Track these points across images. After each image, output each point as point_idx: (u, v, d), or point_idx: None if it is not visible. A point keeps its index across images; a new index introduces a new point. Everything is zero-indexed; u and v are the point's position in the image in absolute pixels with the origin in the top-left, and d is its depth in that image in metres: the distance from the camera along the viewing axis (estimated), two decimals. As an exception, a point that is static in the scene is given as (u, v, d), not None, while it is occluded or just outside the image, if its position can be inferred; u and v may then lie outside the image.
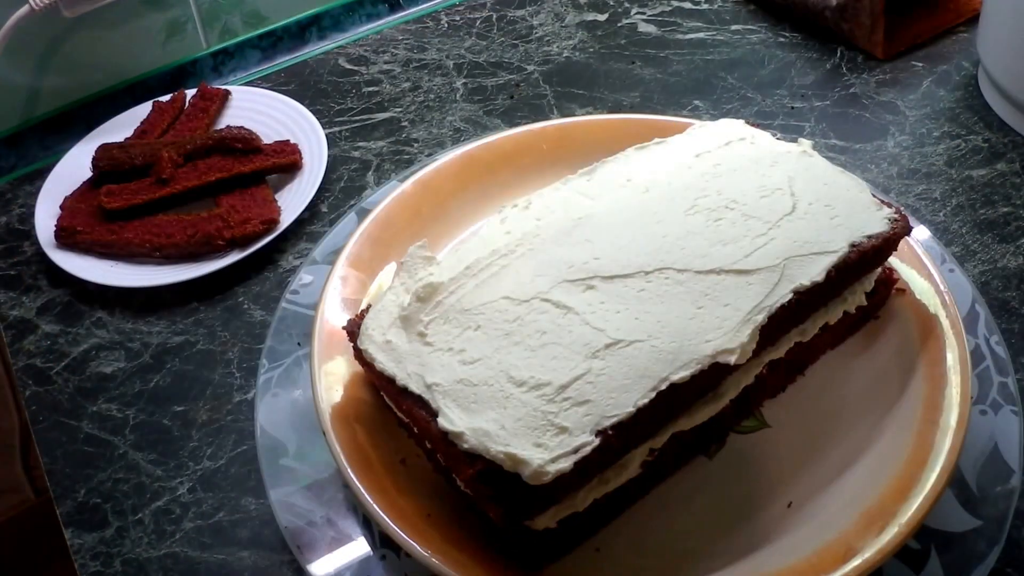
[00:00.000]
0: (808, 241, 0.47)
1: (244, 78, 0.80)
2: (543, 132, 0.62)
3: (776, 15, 0.83)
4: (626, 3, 0.86)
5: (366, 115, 0.75)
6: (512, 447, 0.39)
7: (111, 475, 0.52)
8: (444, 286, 0.46)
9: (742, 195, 0.50)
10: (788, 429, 0.49)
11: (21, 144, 0.74)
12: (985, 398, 0.50)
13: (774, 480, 0.47)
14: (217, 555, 0.49)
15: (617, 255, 0.47)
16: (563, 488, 0.40)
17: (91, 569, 0.48)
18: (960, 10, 0.81)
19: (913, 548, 0.45)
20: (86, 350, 0.59)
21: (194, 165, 0.66)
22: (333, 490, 0.49)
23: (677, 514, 0.46)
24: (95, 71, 0.75)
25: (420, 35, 0.83)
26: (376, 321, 0.46)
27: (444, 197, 0.59)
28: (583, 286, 0.45)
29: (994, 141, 0.69)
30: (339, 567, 0.46)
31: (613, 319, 0.44)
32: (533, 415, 0.40)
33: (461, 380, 0.42)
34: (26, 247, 0.66)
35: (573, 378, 0.41)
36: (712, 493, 0.47)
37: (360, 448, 0.46)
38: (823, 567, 0.41)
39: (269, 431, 0.51)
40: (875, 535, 0.42)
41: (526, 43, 0.82)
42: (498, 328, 0.44)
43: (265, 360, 0.54)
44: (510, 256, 0.48)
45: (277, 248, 0.64)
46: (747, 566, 0.43)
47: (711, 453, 0.49)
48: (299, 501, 0.48)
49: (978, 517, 0.46)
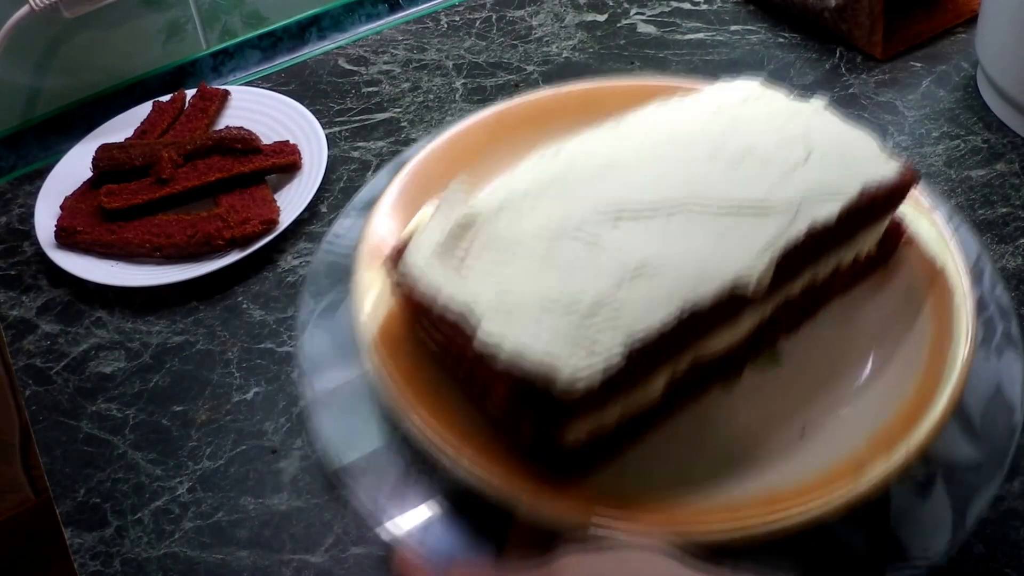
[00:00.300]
0: (822, 185, 0.50)
1: (244, 78, 0.80)
2: (571, 93, 0.65)
3: (775, 16, 0.83)
4: (625, 4, 0.86)
5: (366, 115, 0.75)
6: (545, 360, 0.42)
7: (110, 475, 0.53)
8: (483, 217, 0.49)
9: (760, 145, 0.52)
10: (802, 364, 0.52)
11: (21, 144, 0.74)
12: (989, 343, 0.52)
13: (788, 410, 0.50)
14: (216, 555, 0.49)
15: (643, 195, 0.50)
16: (591, 403, 0.43)
17: (90, 569, 0.49)
18: (959, 11, 0.81)
19: (920, 478, 0.47)
20: (86, 350, 0.59)
21: (194, 165, 0.67)
22: (367, 415, 0.50)
23: (697, 437, 0.49)
24: (95, 71, 0.75)
25: (420, 35, 0.83)
26: (417, 250, 0.48)
27: (477, 150, 0.61)
28: (612, 221, 0.48)
29: (993, 142, 0.70)
30: (376, 484, 0.47)
31: (639, 250, 0.47)
32: (565, 333, 0.43)
33: (498, 301, 0.45)
34: (26, 247, 0.66)
35: (603, 300, 0.44)
36: (729, 420, 0.50)
37: (397, 373, 0.49)
38: (833, 484, 0.44)
39: (313, 360, 0.53)
40: (883, 457, 0.44)
41: (525, 43, 0.82)
42: (533, 256, 0.47)
43: (308, 297, 0.56)
44: (544, 193, 0.51)
45: (277, 248, 0.65)
46: (760, 482, 0.46)
47: (729, 385, 0.52)
48: (337, 422, 0.50)
49: (982, 451, 0.48)
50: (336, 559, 0.48)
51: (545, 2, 0.86)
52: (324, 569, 0.48)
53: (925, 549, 0.45)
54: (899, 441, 0.45)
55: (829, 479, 0.44)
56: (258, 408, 0.55)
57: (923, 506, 0.46)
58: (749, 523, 0.43)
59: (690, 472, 0.47)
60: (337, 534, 0.49)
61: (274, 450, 0.53)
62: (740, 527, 0.43)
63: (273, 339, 0.59)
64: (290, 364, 0.58)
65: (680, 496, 0.45)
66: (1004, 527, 0.48)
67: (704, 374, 0.50)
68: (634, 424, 0.48)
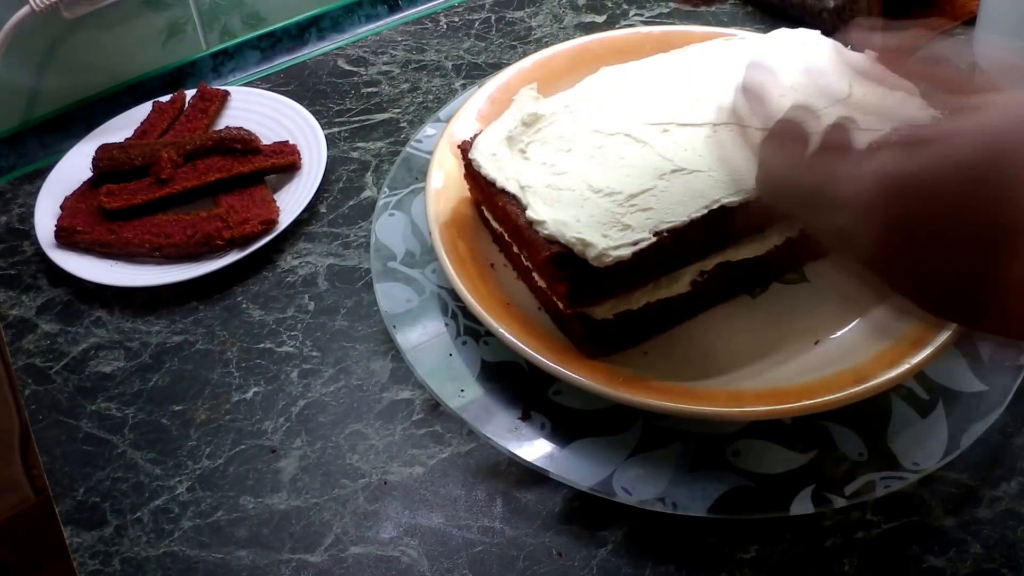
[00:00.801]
0: (858, 118, 0.52)
1: (243, 79, 0.80)
2: (648, 35, 0.71)
3: (774, 16, 0.83)
4: (624, 5, 0.86)
5: (365, 116, 0.75)
6: (583, 234, 0.48)
7: (110, 474, 0.53)
8: (546, 117, 0.57)
9: (807, 80, 0.56)
10: (825, 285, 0.56)
11: (21, 144, 0.74)
12: None
13: (805, 323, 0.54)
14: (215, 554, 0.49)
15: (692, 110, 0.56)
16: (621, 279, 0.49)
17: (90, 568, 0.49)
18: (957, 13, 0.81)
19: (922, 397, 0.51)
20: (85, 349, 0.59)
21: (193, 165, 0.67)
22: (428, 291, 0.57)
23: (717, 336, 0.54)
24: (95, 72, 0.76)
25: (419, 36, 0.83)
26: (486, 139, 0.56)
27: (556, 76, 0.66)
28: (660, 128, 0.55)
29: (990, 143, 0.70)
30: (423, 340, 0.54)
31: (681, 154, 0.53)
32: (604, 214, 0.49)
33: (549, 185, 0.52)
34: (26, 247, 0.67)
35: (641, 190, 0.51)
36: (750, 325, 0.55)
37: (457, 250, 0.56)
38: (835, 386, 0.48)
39: (382, 240, 0.60)
40: (885, 370, 0.48)
41: (524, 44, 0.82)
42: (585, 151, 0.54)
43: (386, 188, 0.63)
44: (604, 102, 0.58)
45: (276, 248, 0.65)
46: (769, 381, 0.50)
47: (755, 294, 0.56)
48: (398, 293, 0.57)
49: (986, 384, 0.52)
50: (335, 558, 0.49)
51: (544, 3, 0.86)
52: (323, 568, 0.48)
53: (916, 463, 0.48)
54: (902, 360, 0.49)
55: (832, 383, 0.48)
56: (257, 408, 0.55)
57: (921, 425, 0.50)
58: (751, 410, 0.47)
59: (705, 362, 0.52)
60: (336, 534, 0.50)
61: (273, 450, 0.53)
62: (742, 412, 0.47)
63: (272, 339, 0.59)
64: (289, 364, 0.58)
65: (692, 381, 0.51)
66: (1001, 527, 0.48)
67: (730, 282, 0.54)
68: (660, 313, 0.53)
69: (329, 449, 0.53)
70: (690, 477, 0.48)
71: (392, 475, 0.52)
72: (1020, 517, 0.48)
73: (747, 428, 0.51)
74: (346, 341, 0.59)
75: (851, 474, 0.48)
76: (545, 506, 0.50)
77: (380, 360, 0.58)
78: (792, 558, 0.47)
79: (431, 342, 0.54)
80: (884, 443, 0.49)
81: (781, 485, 0.48)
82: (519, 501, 0.50)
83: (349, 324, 0.60)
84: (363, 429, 0.54)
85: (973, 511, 0.49)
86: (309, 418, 0.55)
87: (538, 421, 0.51)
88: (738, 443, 0.50)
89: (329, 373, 0.57)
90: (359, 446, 0.53)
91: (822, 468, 0.49)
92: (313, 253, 0.65)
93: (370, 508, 0.51)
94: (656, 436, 0.51)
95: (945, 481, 0.50)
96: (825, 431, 0.50)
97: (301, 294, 0.62)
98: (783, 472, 0.49)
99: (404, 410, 0.55)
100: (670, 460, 0.49)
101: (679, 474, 0.49)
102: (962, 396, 0.51)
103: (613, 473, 0.48)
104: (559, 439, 0.50)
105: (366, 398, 0.56)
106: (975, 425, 0.49)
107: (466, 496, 0.51)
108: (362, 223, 0.66)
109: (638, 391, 0.48)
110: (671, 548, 0.48)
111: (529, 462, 0.49)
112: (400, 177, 0.64)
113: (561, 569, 0.47)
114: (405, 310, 0.56)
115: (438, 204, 0.58)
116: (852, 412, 0.50)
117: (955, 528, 0.48)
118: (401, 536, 0.49)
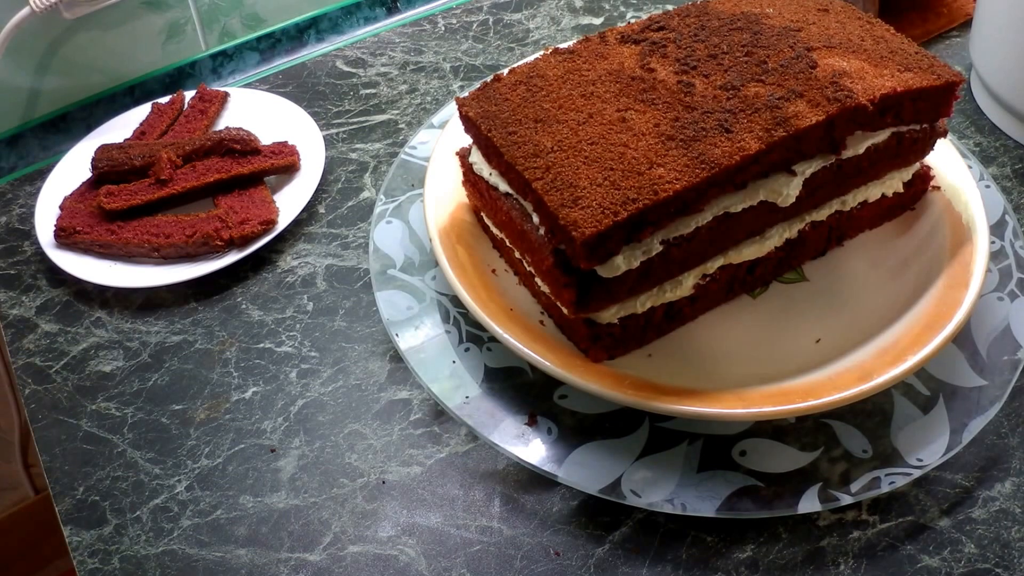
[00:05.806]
0: None
1: (243, 80, 0.81)
2: None
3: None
4: (621, 7, 0.86)
5: (363, 117, 0.76)
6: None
7: (109, 473, 0.53)
8: None
9: None
10: (824, 284, 0.57)
11: (21, 144, 0.74)
12: (1004, 288, 0.56)
13: (807, 321, 0.55)
14: (215, 553, 0.49)
15: None
16: (628, 286, 0.49)
17: (89, 566, 0.49)
18: (953, 15, 0.81)
19: (923, 393, 0.52)
20: (85, 349, 0.60)
21: (193, 166, 0.67)
22: (428, 297, 0.57)
23: (720, 337, 0.55)
24: (95, 72, 0.76)
25: (417, 38, 0.84)
26: None
27: None
28: None
29: (985, 145, 0.70)
30: (426, 348, 0.54)
31: None
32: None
33: None
34: (26, 247, 0.67)
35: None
36: (752, 325, 0.55)
37: (458, 257, 0.56)
38: (840, 385, 0.48)
39: (381, 248, 0.60)
40: (887, 368, 0.49)
41: (522, 46, 0.82)
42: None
43: (382, 195, 0.62)
44: None
45: (275, 249, 0.65)
46: (774, 380, 0.50)
47: (755, 294, 0.57)
48: (399, 300, 0.57)
49: (984, 379, 0.52)
50: (334, 557, 0.49)
51: (542, 5, 0.87)
52: (321, 567, 0.48)
53: (920, 459, 0.49)
54: (903, 358, 0.49)
55: (837, 383, 0.49)
56: (256, 407, 0.56)
57: (923, 422, 0.51)
58: (758, 410, 0.48)
59: (709, 363, 0.53)
60: (335, 533, 0.50)
61: (272, 449, 0.54)
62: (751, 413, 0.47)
63: (271, 339, 0.59)
64: (288, 364, 0.58)
65: (696, 382, 0.51)
66: (996, 527, 0.48)
67: (732, 283, 0.55)
68: (664, 318, 0.54)
69: (328, 449, 0.53)
70: (698, 478, 0.49)
71: (390, 475, 0.52)
72: (1014, 517, 0.49)
73: (752, 428, 0.51)
74: (345, 341, 0.59)
75: (856, 471, 0.49)
76: (543, 506, 0.50)
77: (378, 360, 0.58)
78: (788, 558, 0.48)
79: (434, 349, 0.54)
80: (887, 440, 0.50)
81: (788, 484, 0.48)
82: (517, 501, 0.51)
83: (348, 324, 0.60)
84: (361, 429, 0.54)
85: (968, 511, 0.49)
86: (308, 418, 0.55)
87: (544, 426, 0.51)
88: (744, 443, 0.50)
89: (328, 373, 0.57)
90: (357, 446, 0.54)
91: (828, 466, 0.49)
92: (312, 254, 0.65)
93: (368, 507, 0.51)
94: (663, 438, 0.51)
95: (940, 481, 0.50)
96: (829, 429, 0.51)
97: (300, 294, 0.62)
98: (790, 471, 0.49)
99: (402, 410, 0.55)
100: (677, 462, 0.50)
101: (687, 475, 0.49)
102: (962, 391, 0.52)
103: (621, 476, 0.48)
104: (566, 443, 0.50)
105: (364, 398, 0.56)
106: (976, 420, 0.50)
107: (464, 496, 0.51)
108: (361, 224, 0.67)
109: (646, 394, 0.48)
110: (668, 548, 0.48)
111: (538, 467, 0.49)
112: (396, 184, 0.63)
113: (558, 568, 0.48)
114: (406, 317, 0.55)
115: (436, 211, 0.58)
116: (855, 409, 0.51)
117: (950, 528, 0.49)
118: (399, 535, 0.50)
